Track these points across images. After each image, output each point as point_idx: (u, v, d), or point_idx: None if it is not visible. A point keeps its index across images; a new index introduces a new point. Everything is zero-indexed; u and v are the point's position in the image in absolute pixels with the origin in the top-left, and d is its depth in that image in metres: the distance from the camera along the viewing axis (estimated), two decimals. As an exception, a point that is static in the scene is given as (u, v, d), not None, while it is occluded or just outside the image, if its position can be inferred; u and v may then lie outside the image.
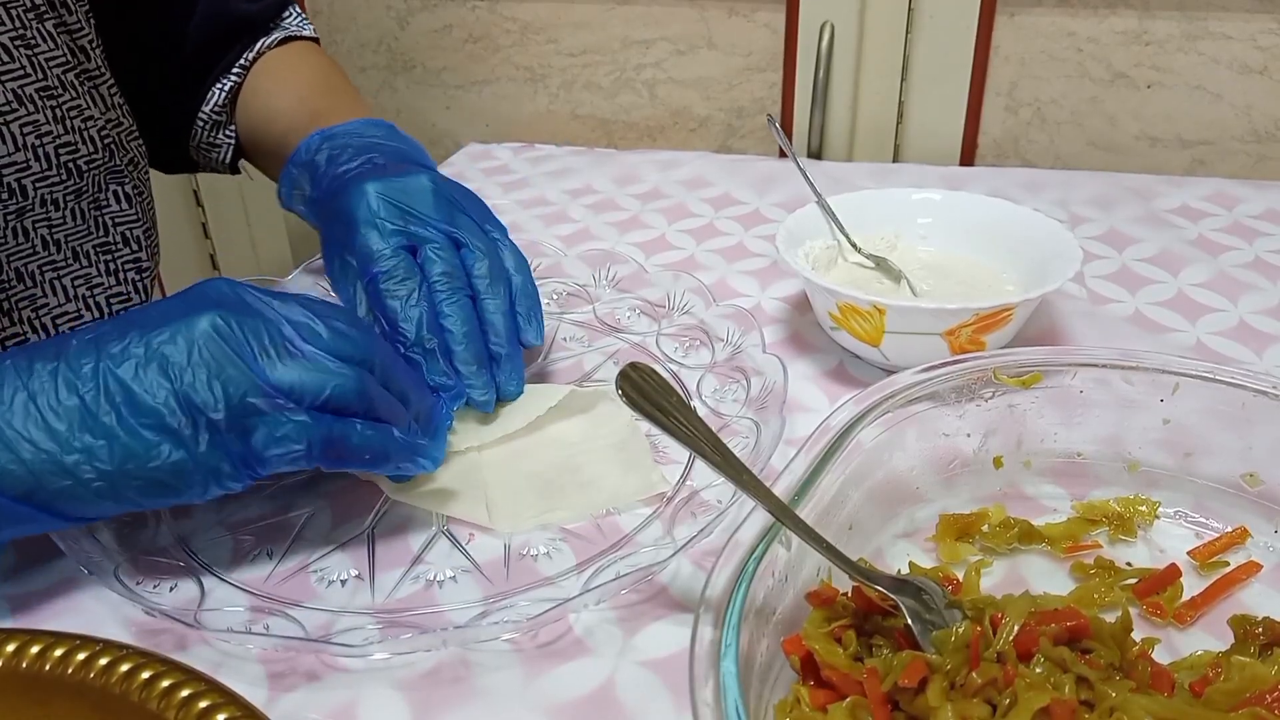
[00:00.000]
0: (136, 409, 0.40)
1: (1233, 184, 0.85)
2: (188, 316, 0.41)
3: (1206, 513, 0.48)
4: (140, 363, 0.40)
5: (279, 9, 0.77)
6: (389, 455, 0.45)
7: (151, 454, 0.40)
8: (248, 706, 0.35)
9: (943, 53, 0.95)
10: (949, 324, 0.55)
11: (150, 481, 0.41)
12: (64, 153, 0.59)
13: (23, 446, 0.39)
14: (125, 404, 0.40)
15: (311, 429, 0.42)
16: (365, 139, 0.64)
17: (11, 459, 0.39)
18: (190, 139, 0.75)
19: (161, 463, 0.40)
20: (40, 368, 0.40)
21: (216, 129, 0.75)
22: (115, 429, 0.40)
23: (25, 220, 0.58)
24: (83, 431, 0.40)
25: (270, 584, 0.46)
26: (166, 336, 0.41)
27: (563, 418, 0.55)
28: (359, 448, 0.44)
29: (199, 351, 0.41)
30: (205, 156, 0.77)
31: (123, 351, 0.41)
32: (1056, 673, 0.36)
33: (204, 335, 0.41)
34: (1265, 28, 0.89)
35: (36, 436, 0.39)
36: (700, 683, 0.33)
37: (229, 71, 0.74)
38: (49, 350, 0.41)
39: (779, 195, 0.86)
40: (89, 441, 0.40)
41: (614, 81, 1.07)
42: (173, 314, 0.42)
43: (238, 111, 0.75)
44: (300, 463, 0.43)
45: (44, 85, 0.58)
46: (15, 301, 0.58)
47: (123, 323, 0.42)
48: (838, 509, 0.43)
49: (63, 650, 0.37)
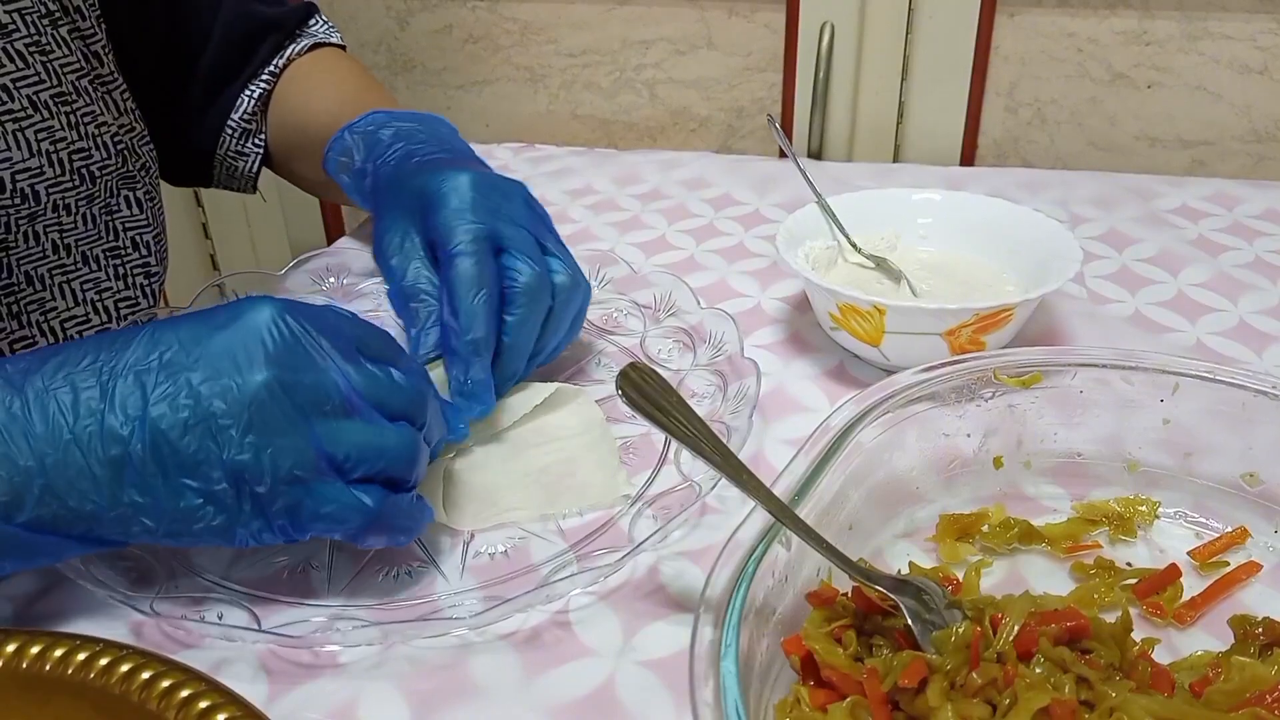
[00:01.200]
0: (183, 471, 0.39)
1: (1233, 184, 0.85)
2: (240, 368, 0.39)
3: (1206, 513, 0.48)
4: (189, 421, 0.38)
5: (304, 15, 0.77)
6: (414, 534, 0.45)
7: (196, 515, 0.39)
8: (248, 706, 0.35)
9: (943, 53, 0.95)
10: (949, 324, 0.55)
11: (194, 535, 0.40)
12: (78, 158, 0.59)
13: (72, 496, 0.38)
14: (173, 464, 0.39)
15: (359, 509, 0.41)
16: (440, 135, 0.64)
17: (62, 507, 0.39)
18: (218, 147, 0.75)
19: (205, 525, 0.40)
20: (86, 411, 0.38)
21: (245, 137, 0.74)
22: (161, 490, 0.39)
23: (36, 225, 0.58)
24: (130, 487, 0.39)
25: (229, 573, 0.46)
26: (218, 391, 0.39)
27: (533, 419, 0.55)
28: (398, 528, 0.43)
29: (252, 418, 0.39)
30: (230, 167, 0.76)
31: (169, 401, 0.38)
32: (1056, 673, 0.36)
33: (257, 400, 0.39)
34: (1265, 28, 0.89)
35: (85, 488, 0.38)
36: (700, 683, 0.33)
37: (257, 77, 0.74)
38: (85, 374, 0.39)
39: (779, 195, 0.86)
40: (135, 498, 0.39)
41: (614, 82, 1.07)
42: (224, 363, 0.39)
43: (270, 114, 0.75)
44: (338, 537, 0.42)
45: (59, 91, 0.58)
46: (24, 305, 0.58)
47: (171, 360, 0.39)
48: (838, 509, 0.43)
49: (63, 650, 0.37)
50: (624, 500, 0.50)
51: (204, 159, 0.75)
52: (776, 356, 0.63)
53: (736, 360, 0.56)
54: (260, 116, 0.75)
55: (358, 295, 0.68)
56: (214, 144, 0.74)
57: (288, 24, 0.75)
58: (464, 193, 0.54)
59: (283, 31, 0.75)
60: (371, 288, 0.69)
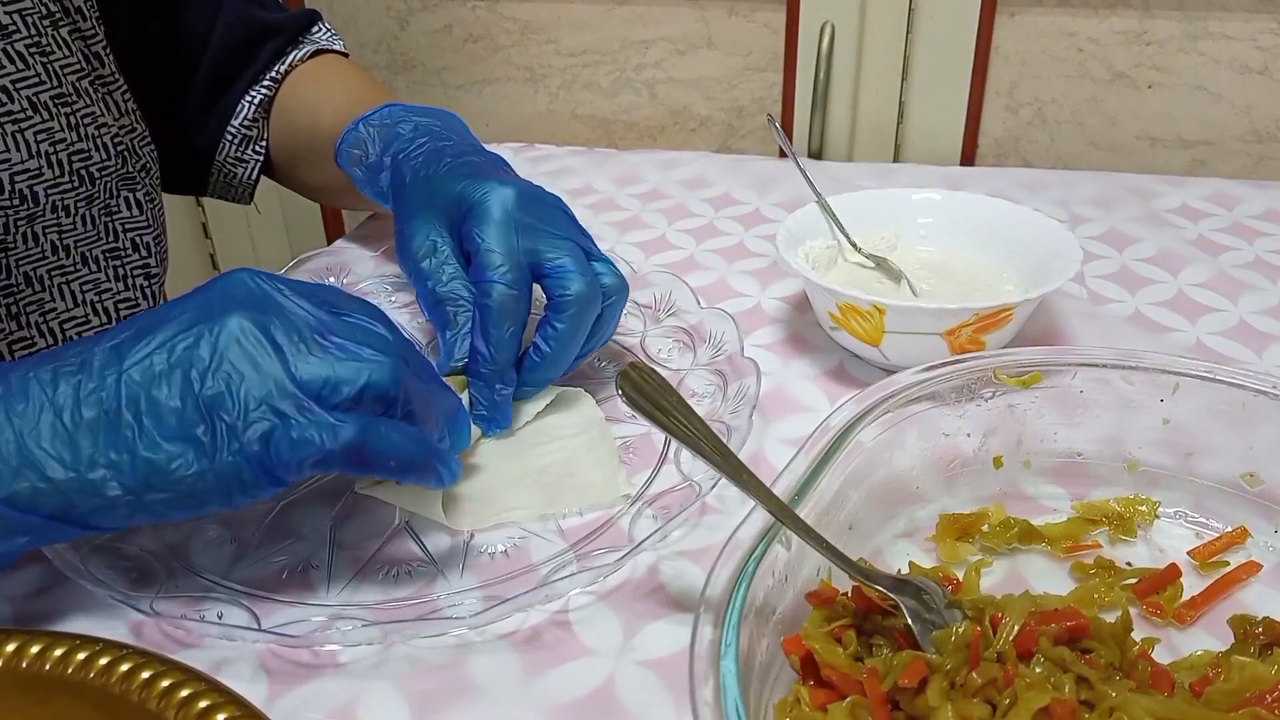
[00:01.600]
0: (158, 420, 0.39)
1: (1233, 184, 0.85)
2: (213, 318, 0.40)
3: (1206, 513, 0.48)
4: (164, 371, 0.39)
5: (307, 22, 0.77)
6: (415, 463, 0.43)
7: (173, 465, 0.39)
8: (248, 706, 0.35)
9: (943, 53, 0.95)
10: (949, 324, 0.55)
11: (175, 494, 0.39)
12: (77, 159, 0.59)
13: (50, 465, 0.38)
14: (148, 415, 0.39)
15: (335, 430, 0.40)
16: (457, 129, 0.64)
17: (41, 478, 0.38)
18: (217, 153, 0.74)
19: (183, 474, 0.39)
20: (64, 383, 0.39)
21: (245, 144, 0.74)
22: (136, 443, 0.39)
23: (36, 226, 0.58)
24: (107, 448, 0.38)
25: (229, 573, 0.46)
26: (190, 341, 0.39)
27: (536, 419, 0.55)
28: (384, 454, 0.41)
29: (223, 355, 0.39)
30: (229, 174, 0.75)
31: (145, 360, 0.39)
32: (1056, 673, 0.36)
33: (229, 337, 0.39)
34: (1265, 28, 0.89)
35: (64, 455, 0.38)
36: (700, 682, 0.33)
37: (258, 83, 0.73)
38: (73, 359, 0.40)
39: (779, 195, 0.86)
40: (112, 458, 0.38)
41: (614, 81, 1.07)
42: (197, 315, 0.40)
43: (273, 119, 0.74)
44: (322, 468, 0.41)
45: (59, 93, 0.58)
46: (24, 306, 0.58)
47: (145, 326, 0.40)
48: (838, 509, 0.43)
49: (63, 650, 0.37)
50: (624, 500, 0.50)
51: (202, 165, 0.75)
52: (776, 356, 0.63)
53: (736, 360, 0.56)
54: (261, 123, 0.74)
55: (357, 295, 0.68)
56: (213, 149, 0.74)
57: (289, 30, 0.75)
58: (509, 208, 0.53)
59: (284, 37, 0.75)
60: (371, 288, 0.69)
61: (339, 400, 0.40)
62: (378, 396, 0.41)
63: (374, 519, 0.50)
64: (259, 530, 0.49)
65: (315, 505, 0.51)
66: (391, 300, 0.68)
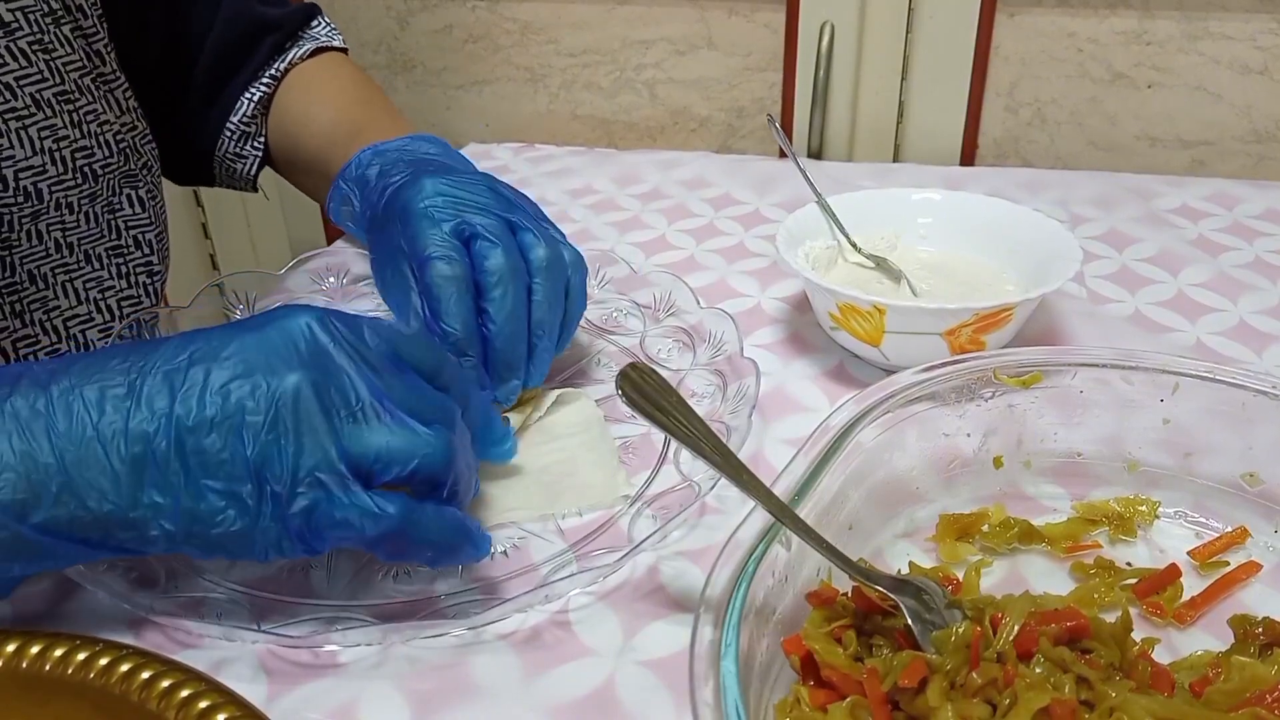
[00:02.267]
0: (205, 471, 0.38)
1: (1233, 184, 0.85)
2: (272, 371, 0.38)
3: (1206, 513, 0.48)
4: (215, 419, 0.38)
5: (305, 17, 0.77)
6: (451, 547, 0.42)
7: (215, 519, 0.38)
8: (248, 706, 0.35)
9: (943, 53, 0.95)
10: (949, 324, 0.55)
11: (212, 542, 0.39)
12: (79, 157, 0.59)
13: (92, 497, 0.37)
14: (195, 463, 0.38)
15: (377, 519, 0.39)
16: (418, 154, 0.63)
17: (81, 508, 0.37)
18: (216, 149, 0.75)
19: (224, 530, 0.38)
20: (111, 409, 0.38)
21: (244, 140, 0.74)
22: (181, 491, 0.38)
23: (39, 223, 0.58)
24: (151, 488, 0.37)
25: (229, 573, 0.46)
26: (247, 391, 0.38)
27: (538, 419, 0.55)
28: (421, 543, 0.40)
29: (278, 417, 0.38)
30: (229, 169, 0.76)
31: (198, 400, 0.38)
32: (1056, 673, 0.36)
33: (286, 399, 0.38)
34: (1265, 28, 0.89)
35: (106, 488, 0.37)
36: (700, 683, 0.33)
37: (257, 80, 0.74)
38: (119, 380, 0.38)
39: (779, 195, 0.86)
40: (157, 500, 0.38)
41: (614, 82, 1.07)
42: (256, 360, 0.39)
43: (270, 122, 0.75)
44: (359, 546, 0.40)
45: (61, 90, 0.58)
46: (27, 303, 0.58)
47: (201, 354, 0.39)
48: (838, 509, 0.43)
49: (63, 650, 0.37)
50: (624, 500, 0.50)
51: (205, 159, 0.75)
52: (776, 356, 0.63)
53: (736, 360, 0.56)
54: (260, 119, 0.74)
55: (358, 295, 0.68)
56: (213, 145, 0.74)
57: (289, 25, 0.75)
58: (425, 195, 0.53)
59: (283, 32, 0.75)
60: (371, 288, 0.69)
61: (388, 478, 0.40)
62: (427, 479, 0.41)
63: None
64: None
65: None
66: (391, 300, 0.68)
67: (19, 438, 0.37)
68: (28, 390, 0.38)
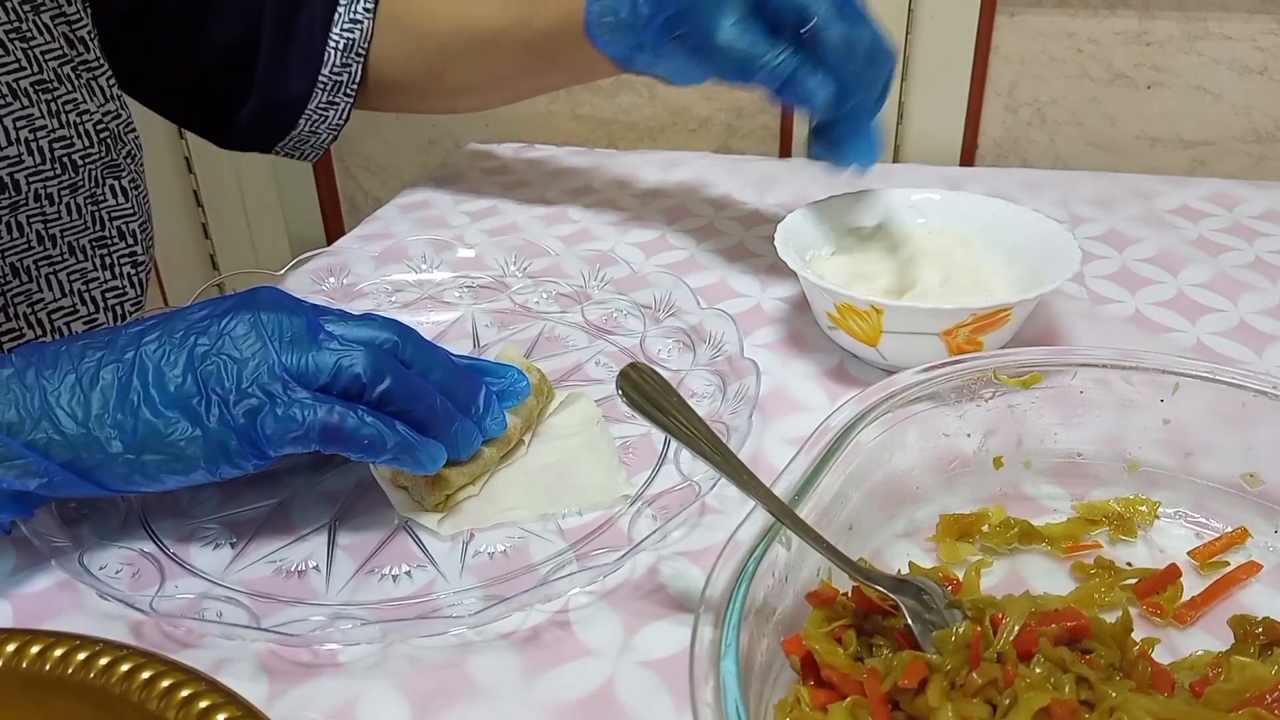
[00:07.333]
0: (161, 389, 0.44)
1: (1233, 184, 0.85)
2: (228, 314, 0.45)
3: (1206, 513, 0.48)
4: (174, 350, 0.44)
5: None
6: (385, 446, 0.46)
7: (169, 430, 0.43)
8: (248, 706, 0.35)
9: (943, 53, 0.95)
10: (946, 324, 0.55)
11: (168, 457, 0.44)
12: (59, 147, 0.59)
13: (64, 420, 0.43)
14: (154, 384, 0.44)
15: (311, 409, 0.44)
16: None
17: (55, 430, 0.43)
18: (309, 102, 0.75)
19: (177, 439, 0.43)
20: (90, 354, 0.44)
21: (336, 89, 0.75)
22: (140, 407, 0.43)
23: (19, 215, 0.57)
24: (115, 410, 0.43)
25: (228, 573, 0.46)
26: (203, 329, 0.45)
27: (539, 420, 0.55)
28: (355, 434, 0.45)
29: (226, 340, 0.44)
30: (313, 125, 0.76)
31: (159, 339, 0.45)
32: (1056, 673, 0.36)
33: (235, 327, 0.45)
34: (1265, 28, 0.89)
35: (77, 412, 0.43)
36: (700, 683, 0.33)
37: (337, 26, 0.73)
38: (103, 338, 0.45)
39: (779, 195, 0.86)
40: (118, 418, 0.43)
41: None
42: (217, 310, 0.46)
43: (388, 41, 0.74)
44: (302, 444, 0.44)
45: (39, 79, 0.58)
46: (11, 297, 0.58)
47: (171, 316, 0.46)
48: (838, 509, 0.43)
49: (63, 650, 0.37)
50: (624, 500, 0.50)
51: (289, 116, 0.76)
52: (776, 356, 0.63)
53: (736, 360, 0.56)
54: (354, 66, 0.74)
55: (358, 295, 0.68)
56: (305, 98, 0.75)
57: None
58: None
59: None
60: (371, 288, 0.69)
61: (317, 385, 0.45)
62: (350, 381, 0.45)
63: (374, 519, 0.50)
64: (259, 530, 0.49)
65: (315, 505, 0.51)
66: (392, 300, 0.68)
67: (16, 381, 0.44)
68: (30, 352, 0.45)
